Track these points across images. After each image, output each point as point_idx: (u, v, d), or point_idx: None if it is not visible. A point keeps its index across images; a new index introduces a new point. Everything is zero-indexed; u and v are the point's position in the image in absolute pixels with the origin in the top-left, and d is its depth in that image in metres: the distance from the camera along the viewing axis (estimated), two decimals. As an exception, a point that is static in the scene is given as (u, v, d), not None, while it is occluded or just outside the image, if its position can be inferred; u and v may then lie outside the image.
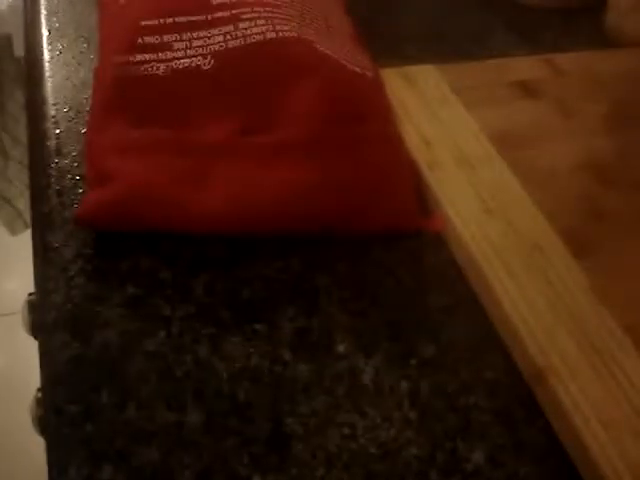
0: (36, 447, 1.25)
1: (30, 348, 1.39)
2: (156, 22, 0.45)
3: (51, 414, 0.33)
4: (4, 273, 1.51)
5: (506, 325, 0.37)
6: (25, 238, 1.43)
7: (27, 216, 1.29)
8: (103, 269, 0.38)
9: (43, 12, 0.55)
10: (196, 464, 0.32)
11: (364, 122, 0.43)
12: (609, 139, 0.46)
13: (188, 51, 0.44)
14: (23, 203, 1.27)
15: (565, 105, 0.48)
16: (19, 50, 0.85)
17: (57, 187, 0.42)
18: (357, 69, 0.45)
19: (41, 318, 0.37)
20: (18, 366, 1.39)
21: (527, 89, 0.49)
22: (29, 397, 1.31)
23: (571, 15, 0.59)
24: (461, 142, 0.45)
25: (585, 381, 0.34)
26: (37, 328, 0.38)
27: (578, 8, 0.59)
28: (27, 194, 1.31)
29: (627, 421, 0.33)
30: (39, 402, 0.45)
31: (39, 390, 0.44)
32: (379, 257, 0.40)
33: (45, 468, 0.32)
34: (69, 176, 0.42)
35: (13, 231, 1.31)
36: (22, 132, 1.21)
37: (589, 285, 0.38)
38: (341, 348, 0.36)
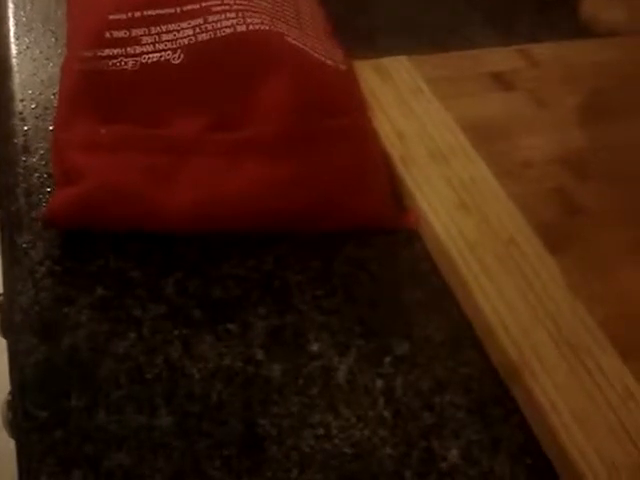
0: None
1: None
2: (124, 16, 0.44)
3: (21, 419, 0.33)
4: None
5: (481, 321, 0.36)
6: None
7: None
8: (72, 270, 0.37)
9: (10, 6, 0.54)
10: (168, 467, 0.31)
11: (336, 116, 0.42)
12: (584, 131, 0.45)
13: (157, 45, 0.43)
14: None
15: (540, 96, 0.47)
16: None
17: (25, 186, 0.41)
18: (329, 62, 0.45)
19: (8, 320, 0.36)
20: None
21: (502, 80, 0.48)
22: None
23: (547, 6, 0.59)
24: (435, 135, 0.44)
25: (560, 377, 0.34)
26: (5, 330, 0.37)
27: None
28: None
29: (602, 417, 0.33)
30: (9, 405, 0.45)
31: (10, 393, 0.44)
32: (352, 253, 0.40)
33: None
34: (37, 174, 0.41)
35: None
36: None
37: (564, 280, 0.37)
38: (315, 347, 0.36)
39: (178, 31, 0.44)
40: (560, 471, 0.33)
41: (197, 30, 0.44)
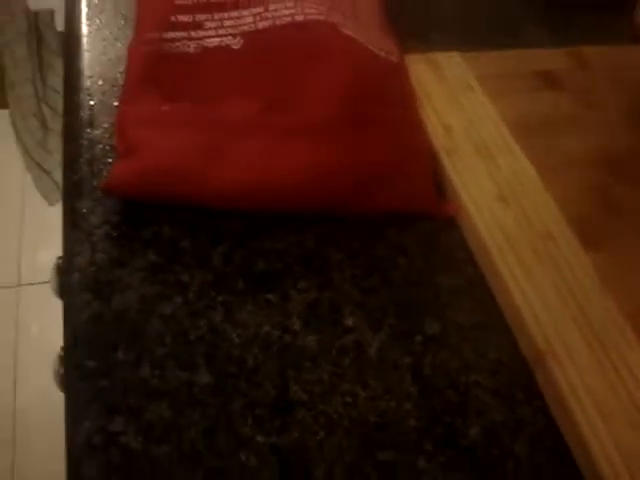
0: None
1: (60, 315, 1.42)
2: (190, 2, 0.47)
3: (70, 369, 0.35)
4: (41, 243, 1.55)
5: (512, 308, 0.38)
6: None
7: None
8: (127, 235, 0.40)
9: (84, -13, 0.57)
10: (203, 422, 0.33)
11: (384, 105, 0.44)
12: (627, 134, 0.46)
13: (219, 30, 0.45)
14: (61, 175, 1.30)
15: (587, 97, 0.48)
16: (60, 25, 0.88)
17: (87, 156, 0.43)
18: (382, 53, 0.46)
19: (66, 279, 0.39)
20: (53, 333, 1.43)
21: (551, 80, 0.49)
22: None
23: (601, 11, 0.59)
24: (481, 130, 0.45)
25: (584, 366, 0.35)
26: (62, 290, 0.40)
27: (609, 4, 0.59)
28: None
29: (624, 412, 0.34)
30: (61, 359, 0.47)
31: (62, 348, 0.46)
32: (392, 237, 0.42)
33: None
34: (100, 146, 0.44)
35: (51, 201, 1.34)
36: (62, 104, 1.23)
37: (597, 276, 0.38)
38: (349, 322, 0.38)
39: (239, 18, 0.46)
40: (577, 457, 0.34)
41: (257, 18, 0.46)
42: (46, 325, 1.45)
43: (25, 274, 1.52)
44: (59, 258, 0.51)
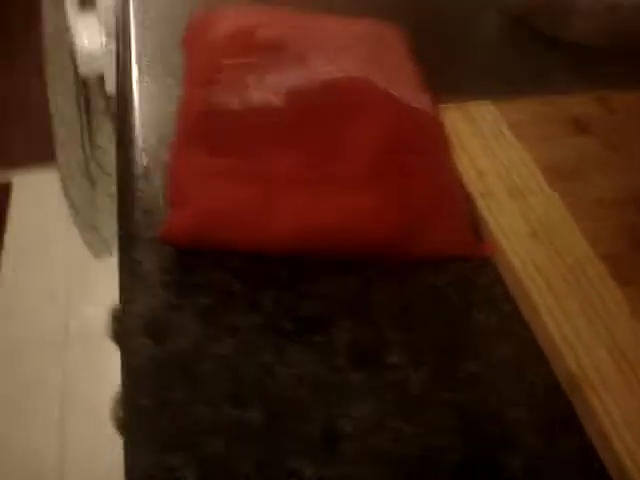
0: (118, 463, 1.31)
1: (107, 371, 1.45)
2: (235, 62, 0.50)
3: (128, 407, 0.37)
4: (88, 298, 1.59)
5: (548, 341, 0.39)
6: (107, 265, 1.51)
7: (111, 243, 1.37)
8: (180, 282, 0.42)
9: (134, 52, 0.61)
10: (255, 456, 0.35)
11: (421, 154, 0.46)
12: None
13: (262, 88, 0.48)
14: (108, 231, 1.35)
15: (614, 141, 0.50)
16: (110, 88, 0.93)
17: (142, 208, 0.46)
18: (416, 105, 0.49)
19: (124, 324, 0.41)
20: (95, 387, 1.46)
21: (579, 125, 0.51)
22: (108, 418, 1.37)
23: (628, 57, 0.61)
24: (513, 173, 0.47)
25: (619, 395, 0.36)
26: (120, 334, 0.43)
27: (636, 50, 0.61)
28: (113, 221, 1.38)
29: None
30: (119, 402, 0.50)
31: (119, 391, 0.49)
32: (430, 279, 0.44)
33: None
34: (153, 199, 0.47)
35: (97, 255, 1.38)
36: (109, 163, 1.29)
37: (628, 307, 0.40)
38: (392, 360, 0.39)
39: (281, 76, 0.49)
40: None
41: (298, 76, 0.49)
42: (93, 380, 1.48)
43: (72, 329, 1.56)
44: (115, 306, 0.54)
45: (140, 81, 0.57)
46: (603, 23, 0.62)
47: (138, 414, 0.37)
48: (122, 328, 0.41)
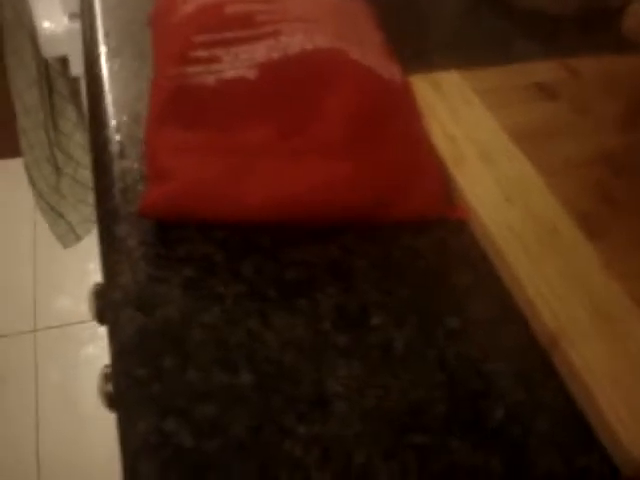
0: (95, 455, 1.31)
1: (78, 359, 1.45)
2: (206, 38, 0.50)
3: (121, 378, 0.38)
4: (56, 287, 1.58)
5: (524, 297, 0.41)
6: (74, 253, 1.50)
7: (78, 229, 1.36)
8: (163, 255, 0.43)
9: (100, 32, 0.61)
10: (248, 418, 0.36)
11: (393, 122, 0.47)
12: (620, 135, 0.49)
13: (235, 63, 0.49)
14: (75, 217, 1.34)
15: (581, 105, 0.52)
16: (75, 70, 0.92)
17: (120, 185, 0.47)
18: (386, 75, 0.50)
19: (109, 298, 0.42)
20: (68, 376, 1.46)
21: (545, 91, 0.53)
22: (83, 405, 1.37)
23: (590, 22, 0.63)
24: (483, 139, 0.49)
25: (595, 344, 0.38)
26: (106, 309, 0.43)
27: (597, 16, 0.63)
28: (79, 207, 1.38)
29: (634, 378, 0.36)
30: (107, 377, 0.50)
31: (106, 367, 0.49)
32: (408, 242, 0.45)
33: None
34: (130, 175, 0.47)
35: (65, 244, 1.38)
36: (74, 149, 1.28)
37: (601, 263, 0.41)
38: (375, 321, 0.41)
39: (253, 50, 0.49)
40: (596, 428, 0.36)
41: (270, 49, 0.49)
42: (65, 368, 1.47)
43: (40, 319, 1.55)
44: (96, 284, 0.54)
45: (109, 61, 0.57)
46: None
47: (130, 384, 0.37)
48: (108, 302, 0.42)
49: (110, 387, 0.49)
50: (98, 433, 1.34)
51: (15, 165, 1.49)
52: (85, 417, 1.38)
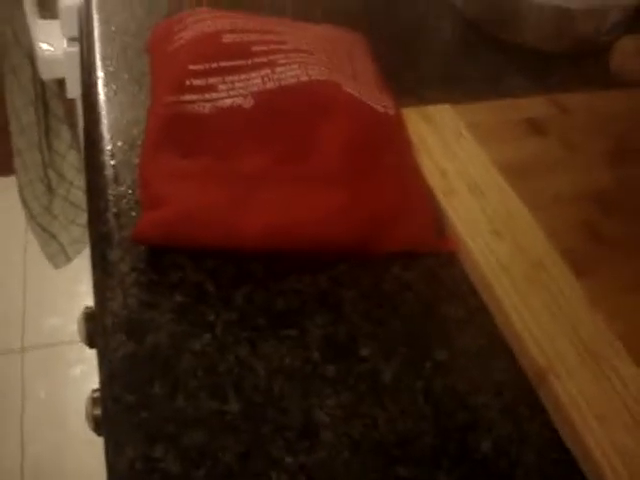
0: (81, 473, 1.30)
1: (66, 379, 1.44)
2: (202, 67, 0.51)
3: (109, 403, 0.38)
4: (45, 307, 1.58)
5: (512, 332, 0.41)
6: (65, 274, 1.49)
7: (69, 250, 1.36)
8: (155, 281, 0.43)
9: (98, 57, 0.62)
10: (236, 446, 0.36)
11: (385, 154, 0.48)
12: (610, 171, 0.50)
13: (230, 92, 0.50)
14: (66, 238, 1.34)
15: (570, 141, 0.53)
16: (72, 93, 0.93)
17: (114, 210, 0.47)
18: (380, 108, 0.50)
19: (100, 323, 0.42)
20: (58, 394, 1.45)
21: (535, 126, 0.54)
22: (69, 424, 1.36)
23: (579, 59, 0.64)
24: (473, 173, 0.49)
25: (581, 381, 0.38)
26: (96, 333, 0.43)
27: (586, 52, 0.64)
28: (70, 228, 1.38)
29: (619, 417, 0.37)
30: (95, 401, 0.50)
31: (94, 391, 0.49)
32: (398, 274, 0.45)
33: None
34: (125, 201, 0.48)
35: (56, 265, 1.37)
36: (68, 169, 1.28)
37: (587, 299, 0.42)
38: (364, 352, 0.41)
39: (248, 80, 0.50)
40: (582, 463, 0.37)
41: (265, 79, 0.50)
42: (53, 387, 1.46)
43: (29, 338, 1.55)
44: (87, 308, 0.54)
45: (106, 86, 0.58)
46: (553, 27, 0.65)
47: (119, 409, 0.38)
48: (98, 327, 0.42)
49: (98, 411, 0.49)
50: (83, 453, 1.33)
51: (6, 183, 1.50)
52: (71, 436, 1.37)
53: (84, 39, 0.64)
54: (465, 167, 0.50)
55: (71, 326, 1.43)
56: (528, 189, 0.48)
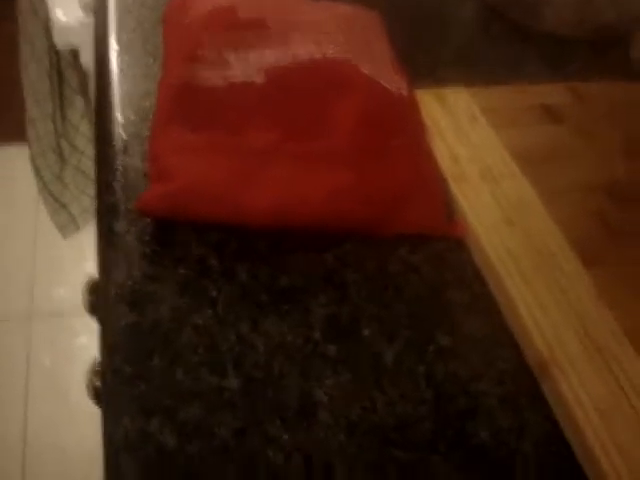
0: (81, 443, 1.31)
1: (71, 348, 1.45)
2: (216, 38, 0.50)
3: (108, 374, 0.38)
4: (53, 276, 1.59)
5: (517, 322, 0.41)
6: (74, 243, 1.50)
7: (79, 220, 1.36)
8: (159, 253, 0.43)
9: (113, 29, 0.61)
10: (233, 422, 0.36)
11: (397, 135, 0.47)
12: (623, 163, 0.49)
13: (244, 67, 0.49)
14: (77, 208, 1.34)
15: (585, 130, 0.52)
16: (85, 63, 0.92)
17: (122, 181, 0.47)
18: (394, 89, 0.50)
19: (103, 294, 0.42)
20: (63, 364, 1.46)
21: (550, 113, 0.53)
22: (72, 394, 1.37)
23: (599, 47, 0.63)
24: (486, 158, 0.49)
25: (585, 374, 0.38)
26: (98, 304, 0.43)
27: (607, 40, 0.63)
28: (81, 198, 1.38)
29: (622, 414, 0.36)
30: (95, 372, 0.50)
31: (97, 360, 0.49)
32: (405, 256, 0.45)
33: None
34: (133, 172, 0.47)
35: (65, 234, 1.38)
36: (80, 139, 1.28)
37: (596, 291, 0.41)
38: (366, 333, 0.41)
39: (262, 55, 0.50)
40: (580, 457, 0.36)
41: (280, 56, 0.50)
42: (58, 356, 1.47)
43: (37, 306, 1.55)
44: (90, 278, 0.54)
45: (119, 57, 0.58)
46: (574, 13, 0.63)
47: (117, 380, 0.37)
48: (101, 297, 0.42)
49: (98, 382, 0.49)
50: (85, 421, 1.34)
51: (20, 150, 1.50)
52: (74, 405, 1.38)
53: (99, 9, 0.64)
54: (478, 152, 0.49)
55: (79, 296, 1.43)
56: (540, 177, 0.47)
